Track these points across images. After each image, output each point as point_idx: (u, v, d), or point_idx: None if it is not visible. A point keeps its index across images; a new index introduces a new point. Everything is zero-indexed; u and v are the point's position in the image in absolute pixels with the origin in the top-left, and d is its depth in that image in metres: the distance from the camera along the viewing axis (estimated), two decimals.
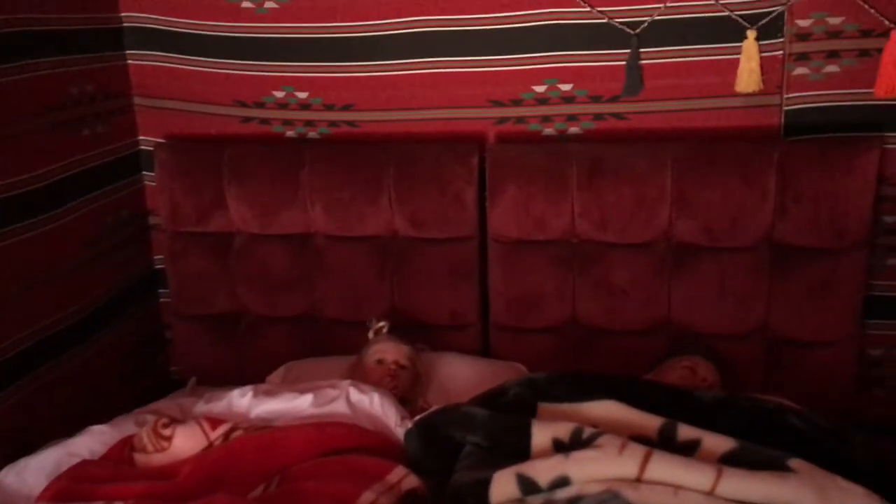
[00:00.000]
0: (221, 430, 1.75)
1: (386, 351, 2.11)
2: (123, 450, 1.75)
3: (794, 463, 1.51)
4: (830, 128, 2.10)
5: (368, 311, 2.35)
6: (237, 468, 1.63)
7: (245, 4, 2.32)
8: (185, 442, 1.73)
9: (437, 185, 2.25)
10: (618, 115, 2.21)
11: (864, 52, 2.02)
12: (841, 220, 2.02)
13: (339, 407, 1.85)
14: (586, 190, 2.15)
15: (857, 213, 2.01)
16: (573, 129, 2.26)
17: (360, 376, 2.09)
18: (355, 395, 1.87)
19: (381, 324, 2.22)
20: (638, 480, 1.49)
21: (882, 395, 2.26)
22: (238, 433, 1.74)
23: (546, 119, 2.26)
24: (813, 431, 1.68)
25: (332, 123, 2.39)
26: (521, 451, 1.62)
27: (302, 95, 2.37)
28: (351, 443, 1.73)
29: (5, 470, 1.75)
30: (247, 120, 2.44)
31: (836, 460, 1.57)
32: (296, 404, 1.86)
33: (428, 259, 2.32)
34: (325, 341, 2.40)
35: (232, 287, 2.43)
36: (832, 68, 2.05)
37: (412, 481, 1.63)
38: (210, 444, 1.73)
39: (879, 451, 1.74)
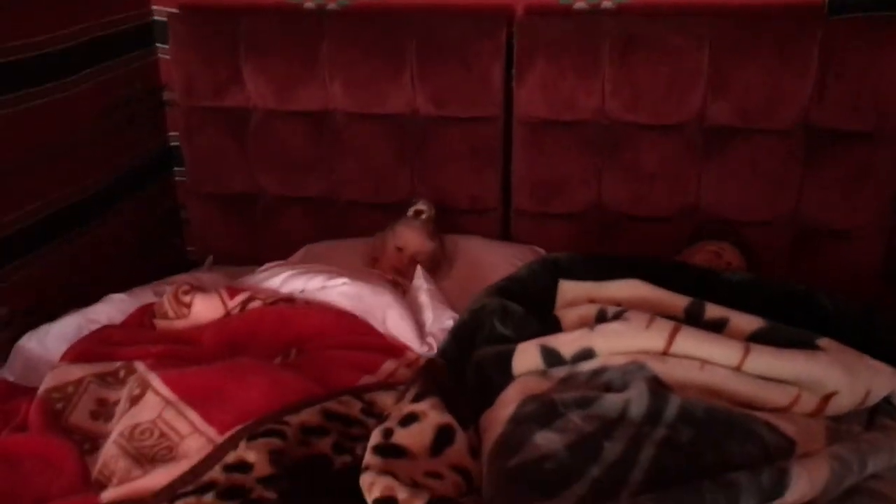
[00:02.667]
0: (239, 298, 1.74)
1: (410, 242, 2.07)
2: (144, 316, 1.75)
3: (823, 342, 1.49)
4: (877, 6, 1.99)
5: (388, 194, 2.31)
6: (254, 338, 1.63)
7: None
8: (204, 309, 1.73)
9: (462, 62, 2.16)
10: None
11: None
12: (882, 102, 1.94)
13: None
14: (618, 67, 2.06)
15: None
16: (606, 4, 2.15)
17: (379, 250, 2.07)
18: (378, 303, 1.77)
19: (423, 208, 2.16)
20: (664, 354, 1.47)
21: None
22: (255, 304, 1.73)
23: None
24: (841, 312, 1.65)
25: None
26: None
27: None
28: (364, 330, 1.71)
29: (27, 336, 1.76)
30: None
31: (866, 341, 1.54)
32: (329, 283, 1.80)
33: (450, 140, 2.25)
34: (343, 223, 2.36)
35: (248, 166, 2.38)
36: None
37: (404, 373, 1.62)
38: (227, 313, 1.73)
39: None
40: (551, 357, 1.52)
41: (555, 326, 1.64)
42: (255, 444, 1.22)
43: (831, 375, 1.42)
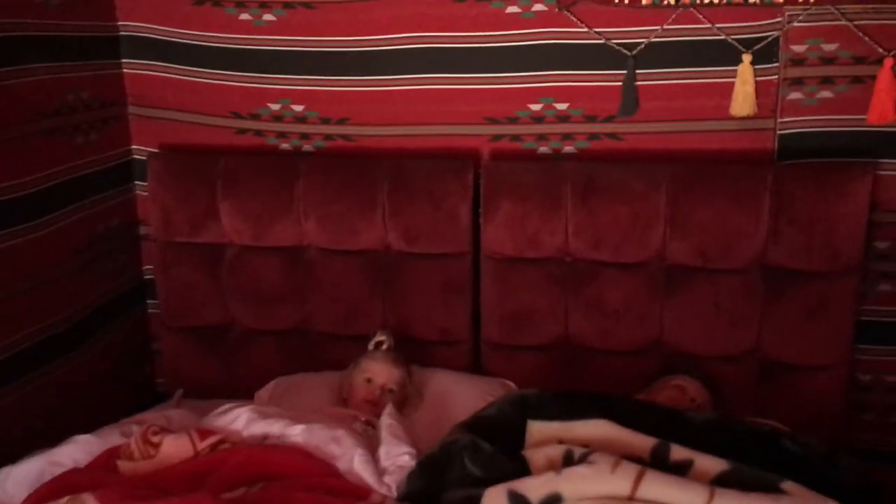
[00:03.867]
0: (210, 440, 1.73)
1: (378, 373, 2.08)
2: (110, 459, 1.73)
3: (787, 485, 1.51)
4: (824, 153, 2.11)
5: (360, 326, 2.34)
6: (220, 472, 1.62)
7: (243, 16, 2.32)
8: (173, 450, 1.71)
9: (432, 201, 2.25)
10: (613, 136, 2.22)
11: (857, 79, 2.04)
12: (834, 244, 2.03)
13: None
14: (580, 209, 2.15)
15: (849, 237, 2.02)
16: (568, 148, 2.26)
17: (347, 390, 2.08)
18: (336, 449, 1.77)
19: (383, 338, 2.19)
20: (630, 499, 1.49)
21: (872, 419, 2.26)
22: (226, 446, 1.72)
23: (541, 137, 2.27)
24: (805, 454, 1.68)
25: (328, 137, 2.39)
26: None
27: (298, 108, 2.37)
28: (332, 478, 1.71)
29: None
30: (241, 131, 2.44)
31: (829, 483, 1.57)
32: (288, 432, 1.81)
33: (421, 274, 2.31)
34: (315, 356, 2.38)
35: (222, 299, 2.41)
36: (826, 94, 2.07)
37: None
38: (197, 454, 1.71)
39: (869, 474, 1.75)
40: (519, 503, 1.52)
41: (523, 467, 1.65)
42: None
43: None
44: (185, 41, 2.37)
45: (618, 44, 2.13)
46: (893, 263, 2.15)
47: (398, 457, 1.76)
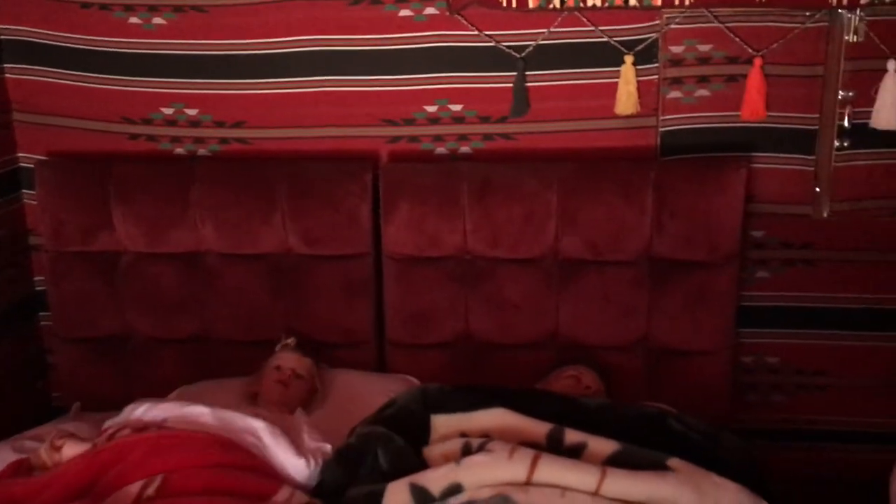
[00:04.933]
0: (109, 431, 1.72)
1: (286, 359, 2.12)
2: (18, 471, 1.71)
3: (673, 462, 1.60)
4: (702, 148, 2.23)
5: (262, 332, 2.33)
6: (119, 464, 1.60)
7: (132, 20, 2.28)
8: (74, 450, 1.71)
9: (331, 203, 2.26)
10: (506, 136, 2.29)
11: (731, 78, 2.17)
12: (713, 235, 2.15)
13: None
14: (477, 208, 2.21)
15: (727, 228, 2.14)
16: (464, 149, 2.32)
17: (256, 383, 2.11)
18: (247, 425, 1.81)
19: (290, 340, 2.22)
20: (527, 483, 1.55)
21: (755, 400, 2.40)
22: (125, 432, 1.70)
23: (438, 138, 2.31)
24: (690, 434, 1.77)
25: (223, 140, 2.37)
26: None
27: (192, 112, 2.35)
28: (249, 462, 1.71)
29: None
30: (134, 137, 2.39)
31: (712, 459, 1.67)
32: (191, 409, 1.83)
33: (322, 277, 2.32)
34: (217, 363, 2.35)
35: (119, 308, 2.36)
36: (703, 92, 2.19)
37: (300, 499, 1.62)
38: (94, 446, 1.71)
39: (751, 450, 1.86)
40: (421, 495, 1.56)
41: (425, 463, 1.69)
42: None
43: (682, 494, 1.53)
44: (72, 45, 2.31)
45: (507, 46, 2.20)
46: (769, 251, 2.28)
47: (321, 443, 1.82)
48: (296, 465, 1.75)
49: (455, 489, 1.56)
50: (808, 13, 2.07)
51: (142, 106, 2.36)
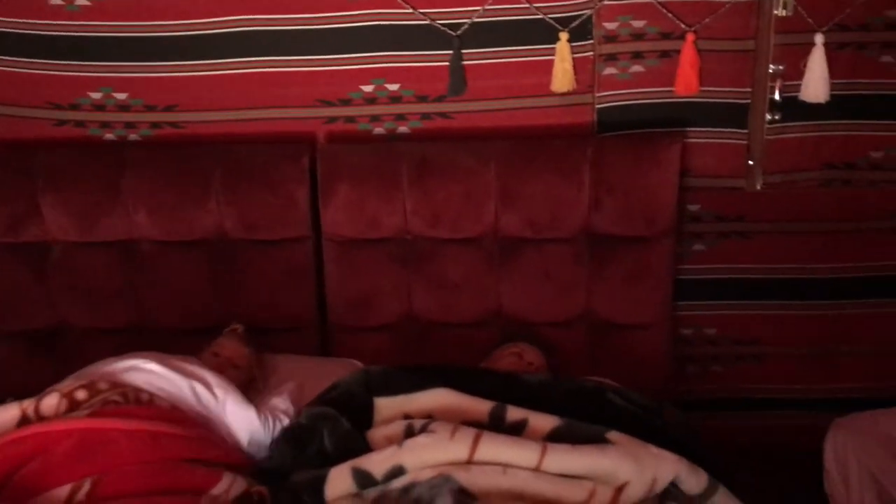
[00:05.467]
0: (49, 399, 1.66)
1: (224, 346, 2.10)
2: None
3: (613, 435, 1.62)
4: (638, 124, 2.25)
5: (201, 319, 2.29)
6: (41, 459, 1.53)
7: (54, 1, 2.19)
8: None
9: (268, 186, 2.22)
10: (444, 115, 2.27)
11: (664, 54, 2.18)
12: (650, 209, 2.17)
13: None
14: (417, 188, 2.19)
15: (663, 203, 2.17)
16: (402, 129, 2.30)
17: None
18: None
19: (237, 326, 2.20)
20: (469, 462, 1.55)
21: (694, 371, 2.45)
22: (52, 399, 1.66)
23: (375, 118, 2.29)
24: (629, 406, 1.80)
25: (155, 125, 2.31)
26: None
27: (121, 96, 2.28)
28: (186, 454, 1.67)
29: None
30: (61, 123, 2.31)
31: (651, 431, 1.70)
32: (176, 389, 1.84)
33: (262, 261, 2.29)
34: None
35: (51, 300, 2.30)
36: (637, 68, 2.21)
37: (240, 487, 1.59)
38: (24, 417, 1.64)
39: (689, 421, 1.90)
40: (363, 479, 1.56)
41: (369, 446, 1.69)
42: None
43: (621, 467, 1.55)
44: None
45: (443, 24, 2.17)
46: (705, 225, 2.32)
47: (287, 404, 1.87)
48: (247, 418, 1.75)
49: (397, 471, 1.56)
50: None
51: (68, 90, 2.28)
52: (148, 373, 1.84)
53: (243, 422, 1.82)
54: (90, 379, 1.74)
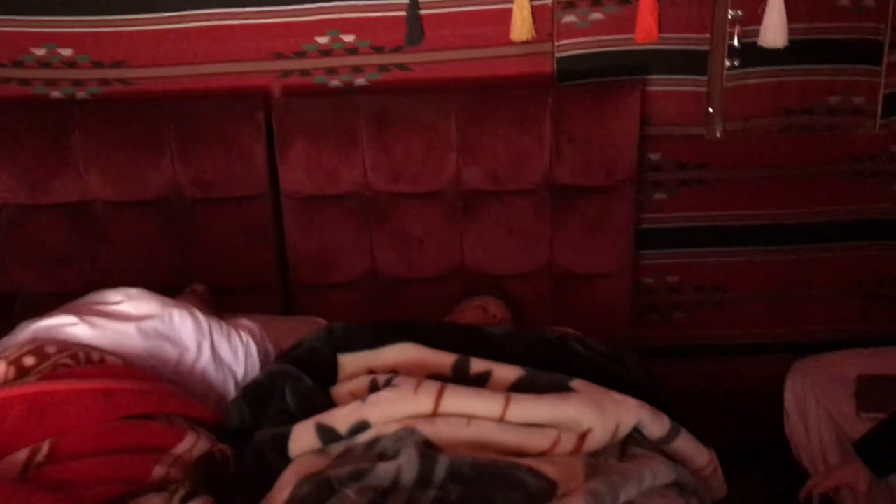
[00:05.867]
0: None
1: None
2: None
3: (575, 383, 1.63)
4: (598, 73, 2.22)
5: (159, 282, 2.23)
6: (1, 424, 1.48)
7: None
8: None
9: (223, 143, 2.18)
10: (402, 66, 2.23)
11: (623, 0, 2.15)
12: (611, 159, 2.16)
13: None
14: (376, 142, 2.16)
15: (624, 152, 2.16)
16: (359, 81, 2.25)
17: None
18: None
19: (198, 286, 2.16)
20: (433, 415, 1.54)
21: (656, 319, 2.47)
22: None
23: (331, 71, 2.23)
24: (592, 355, 1.81)
25: (104, 82, 2.23)
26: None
27: (66, 52, 2.20)
28: (143, 409, 1.64)
29: None
30: (4, 81, 2.23)
31: (613, 378, 1.70)
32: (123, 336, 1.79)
33: (219, 221, 2.25)
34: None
35: (2, 265, 2.25)
36: (597, 15, 2.17)
37: (203, 445, 1.57)
38: None
39: (651, 367, 1.91)
40: (327, 434, 1.55)
41: (333, 403, 1.68)
42: None
43: (584, 414, 1.55)
44: None
45: None
46: (665, 173, 2.32)
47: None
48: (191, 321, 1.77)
49: (362, 426, 1.55)
50: None
51: (10, 47, 2.19)
52: (89, 325, 1.79)
53: (190, 329, 1.81)
54: (37, 344, 1.69)
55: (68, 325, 1.77)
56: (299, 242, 2.27)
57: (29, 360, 1.64)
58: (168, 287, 2.17)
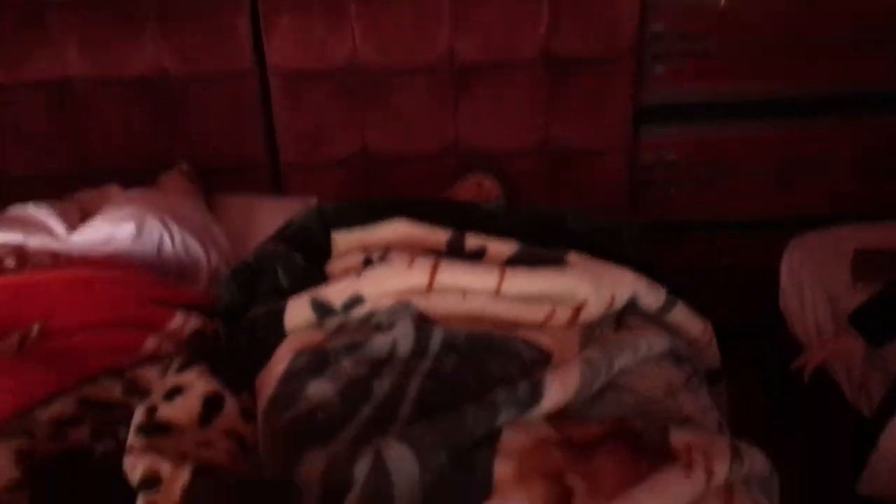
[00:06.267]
0: None
1: (170, 187, 2.05)
2: None
3: (571, 257, 1.60)
4: None
5: (145, 162, 2.20)
6: None
7: None
8: None
9: (206, 16, 2.10)
10: None
11: None
12: (611, 29, 2.08)
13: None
14: (365, 13, 2.07)
15: (625, 22, 2.07)
16: None
17: None
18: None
19: (183, 165, 2.13)
20: (428, 289, 1.53)
21: (655, 196, 2.42)
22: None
23: None
24: (588, 230, 1.78)
25: None
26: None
27: None
28: (129, 295, 1.63)
29: None
30: None
31: (610, 252, 1.68)
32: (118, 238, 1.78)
33: (206, 99, 2.18)
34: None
35: None
36: None
37: (195, 324, 1.56)
38: None
39: (647, 241, 1.89)
40: (322, 309, 1.53)
41: (327, 279, 1.66)
42: None
43: (580, 286, 1.54)
44: None
45: None
46: (668, 44, 2.23)
47: None
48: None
49: (356, 300, 1.53)
50: None
51: None
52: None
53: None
54: (16, 245, 1.66)
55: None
56: (288, 120, 2.21)
57: (10, 262, 1.62)
58: (154, 169, 2.14)
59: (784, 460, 1.31)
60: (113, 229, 1.80)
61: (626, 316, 1.60)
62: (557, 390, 1.30)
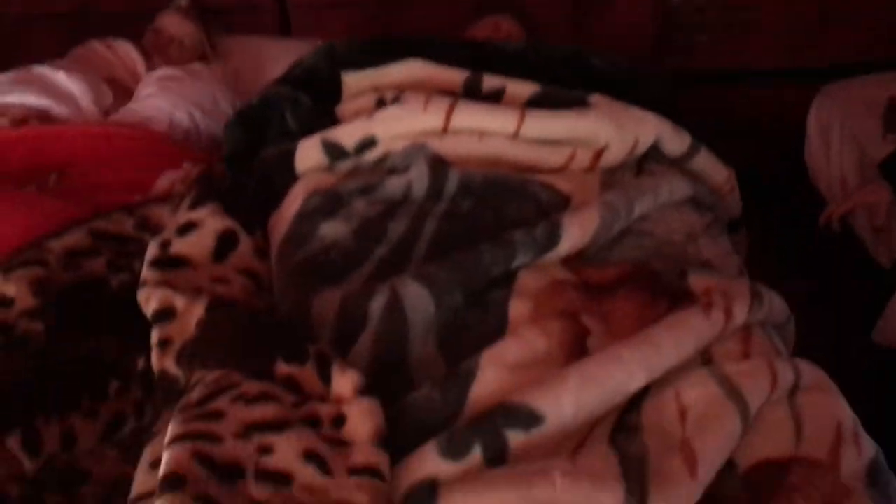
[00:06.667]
0: None
1: (165, 23, 1.96)
2: None
3: (594, 98, 1.53)
4: None
5: (150, 2, 2.09)
6: (4, 166, 1.46)
7: None
8: None
9: None
10: None
11: None
12: None
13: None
14: None
15: None
16: None
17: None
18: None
19: (182, 1, 2.04)
20: (444, 131, 1.48)
21: (681, 42, 2.30)
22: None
23: None
24: (612, 71, 1.70)
25: None
26: None
27: None
28: (141, 147, 1.59)
29: None
30: None
31: (634, 95, 1.61)
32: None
33: None
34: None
35: None
36: None
37: (191, 169, 1.53)
38: None
39: (672, 87, 1.81)
40: (334, 150, 1.48)
41: (337, 121, 1.60)
42: (12, 276, 1.13)
43: (602, 129, 1.48)
44: None
45: None
46: None
47: None
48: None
49: (369, 142, 1.48)
50: None
51: None
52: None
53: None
54: (41, 109, 1.61)
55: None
56: None
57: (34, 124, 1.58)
58: (156, 10, 2.04)
59: (800, 308, 1.30)
60: (143, 123, 1.75)
61: (647, 161, 1.55)
62: (576, 233, 1.28)
